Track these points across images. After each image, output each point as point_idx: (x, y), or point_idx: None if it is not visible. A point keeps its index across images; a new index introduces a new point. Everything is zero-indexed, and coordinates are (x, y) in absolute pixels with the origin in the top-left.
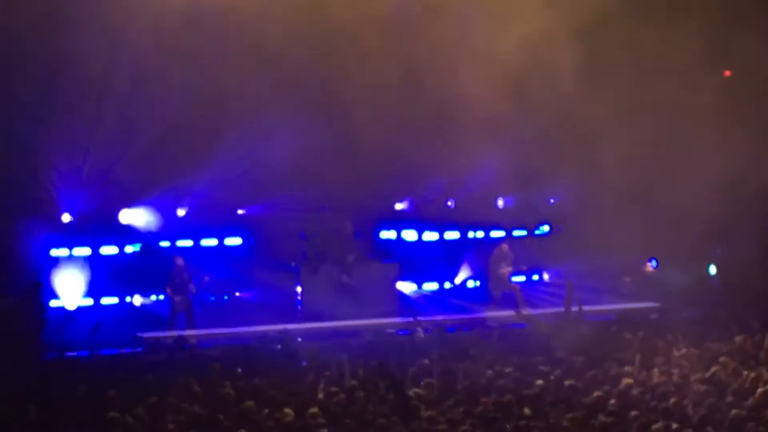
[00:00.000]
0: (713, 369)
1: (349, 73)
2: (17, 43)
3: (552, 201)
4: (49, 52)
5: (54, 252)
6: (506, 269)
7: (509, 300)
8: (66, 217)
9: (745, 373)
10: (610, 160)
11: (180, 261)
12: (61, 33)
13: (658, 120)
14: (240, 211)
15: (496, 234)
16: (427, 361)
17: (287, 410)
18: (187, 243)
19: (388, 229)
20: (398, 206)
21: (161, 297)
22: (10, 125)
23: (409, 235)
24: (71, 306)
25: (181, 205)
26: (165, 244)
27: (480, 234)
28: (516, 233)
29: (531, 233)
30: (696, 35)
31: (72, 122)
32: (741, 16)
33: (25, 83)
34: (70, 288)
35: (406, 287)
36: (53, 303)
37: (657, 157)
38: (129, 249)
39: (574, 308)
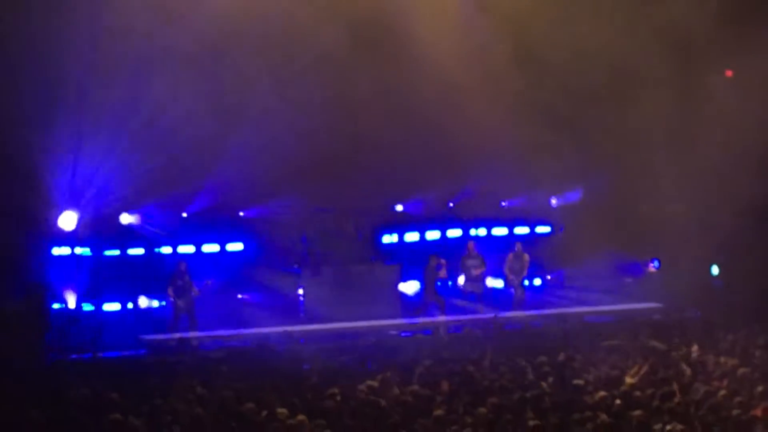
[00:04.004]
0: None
1: (353, 73)
2: (16, 44)
3: (554, 201)
4: (50, 53)
5: (56, 254)
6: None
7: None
8: (71, 219)
9: (744, 371)
10: (612, 160)
11: (182, 264)
12: (59, 32)
13: (661, 120)
14: (241, 214)
15: (498, 231)
16: (429, 362)
17: (281, 410)
18: (189, 246)
19: (390, 231)
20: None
21: (163, 302)
22: (10, 127)
23: (411, 236)
24: (74, 308)
25: (184, 208)
26: (167, 248)
27: (482, 232)
28: (517, 230)
29: (533, 232)
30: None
31: (73, 122)
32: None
33: (26, 85)
34: (73, 290)
35: (408, 288)
36: (56, 305)
37: (659, 158)
38: (131, 251)
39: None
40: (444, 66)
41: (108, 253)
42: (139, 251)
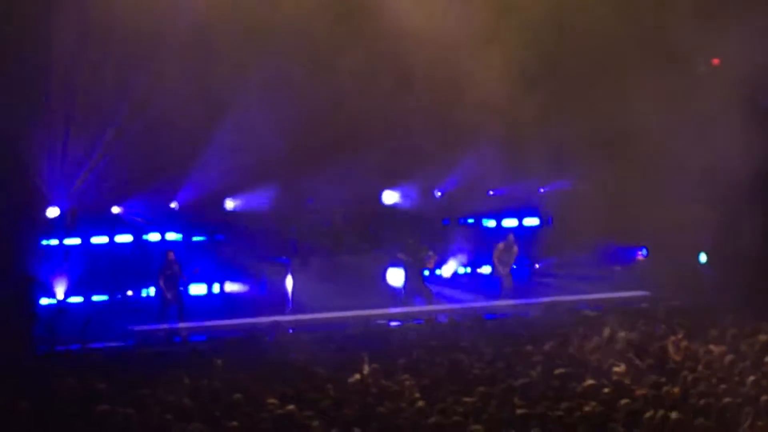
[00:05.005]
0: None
1: (339, 63)
2: (1, 36)
3: (542, 190)
4: (33, 43)
5: (44, 245)
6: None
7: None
8: (54, 211)
9: (731, 358)
10: (601, 149)
11: (171, 254)
12: (43, 24)
13: (650, 108)
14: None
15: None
16: (419, 351)
17: (271, 400)
18: (177, 236)
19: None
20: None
21: (152, 291)
22: None
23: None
24: (62, 299)
25: (171, 199)
26: (155, 237)
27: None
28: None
29: (521, 223)
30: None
31: (60, 113)
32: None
33: (11, 75)
34: (60, 282)
35: (395, 278)
36: (44, 297)
37: (648, 146)
38: (119, 240)
39: None
40: (431, 51)
41: (96, 240)
42: (128, 238)
